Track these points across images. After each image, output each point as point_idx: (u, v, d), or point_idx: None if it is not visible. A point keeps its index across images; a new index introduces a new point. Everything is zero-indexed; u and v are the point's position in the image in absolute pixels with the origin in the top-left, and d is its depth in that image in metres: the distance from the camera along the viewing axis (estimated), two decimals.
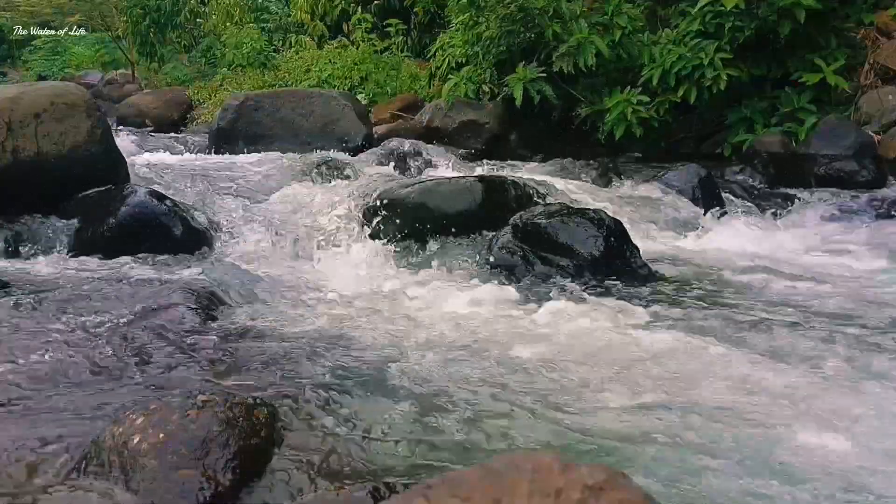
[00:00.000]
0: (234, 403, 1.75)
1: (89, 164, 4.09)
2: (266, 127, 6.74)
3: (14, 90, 4.24)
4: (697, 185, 4.81)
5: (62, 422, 2.04)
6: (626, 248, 3.70)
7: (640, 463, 1.89)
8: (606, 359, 2.58)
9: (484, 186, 4.15)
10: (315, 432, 2.01)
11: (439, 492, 0.83)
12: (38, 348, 2.54)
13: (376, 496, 1.60)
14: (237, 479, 1.63)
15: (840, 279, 3.52)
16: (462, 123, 6.96)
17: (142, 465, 1.60)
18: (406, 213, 4.05)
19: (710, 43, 6.04)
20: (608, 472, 0.84)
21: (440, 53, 7.72)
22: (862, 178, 5.38)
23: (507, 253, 3.65)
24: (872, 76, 6.24)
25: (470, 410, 2.16)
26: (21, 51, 19.14)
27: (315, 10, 10.55)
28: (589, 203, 4.47)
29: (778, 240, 4.30)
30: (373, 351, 2.64)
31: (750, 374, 2.42)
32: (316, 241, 4.12)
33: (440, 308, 3.16)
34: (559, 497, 0.80)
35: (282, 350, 2.59)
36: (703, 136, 6.62)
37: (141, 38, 11.96)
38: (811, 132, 5.75)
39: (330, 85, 8.75)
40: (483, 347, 2.70)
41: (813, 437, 2.00)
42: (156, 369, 2.43)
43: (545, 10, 6.51)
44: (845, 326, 2.84)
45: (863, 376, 2.39)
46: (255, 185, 5.10)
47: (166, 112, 9.97)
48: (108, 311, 2.89)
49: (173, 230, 3.80)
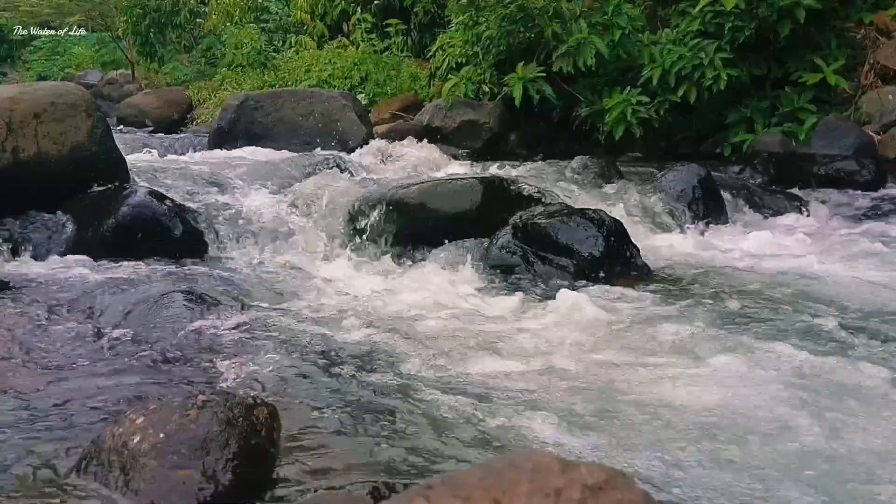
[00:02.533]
0: (234, 403, 1.75)
1: (89, 164, 4.09)
2: (266, 127, 6.74)
3: (14, 90, 4.24)
4: (697, 185, 4.80)
5: (62, 422, 2.04)
6: (627, 248, 3.70)
7: (640, 463, 1.89)
8: (607, 359, 2.59)
9: (484, 186, 4.15)
10: (315, 432, 2.01)
11: (439, 492, 0.83)
12: (37, 348, 2.54)
13: (376, 496, 1.60)
14: (237, 479, 1.63)
15: (840, 279, 3.52)
16: (462, 123, 6.95)
17: (142, 465, 1.60)
18: (405, 213, 4.05)
19: (710, 43, 6.04)
20: (608, 471, 0.84)
21: (440, 53, 7.72)
22: (862, 177, 5.37)
23: (507, 253, 3.65)
24: (872, 76, 6.25)
25: (470, 410, 2.16)
26: (21, 51, 19.13)
27: (315, 10, 10.53)
28: (588, 203, 4.46)
29: (778, 240, 4.30)
30: (372, 350, 2.64)
31: (750, 374, 2.42)
32: (316, 240, 4.12)
33: (440, 308, 3.16)
34: (559, 497, 0.80)
35: (282, 350, 2.59)
36: (703, 136, 6.61)
37: (141, 38, 11.94)
38: (811, 132, 5.75)
39: (330, 85, 8.74)
40: (483, 347, 2.70)
41: (812, 439, 2.01)
42: (156, 369, 2.43)
43: (545, 9, 6.51)
44: (846, 326, 2.84)
45: (862, 372, 2.39)
46: (255, 185, 5.11)
47: (166, 112, 9.97)
48: (107, 311, 2.89)
49: (173, 230, 3.79)
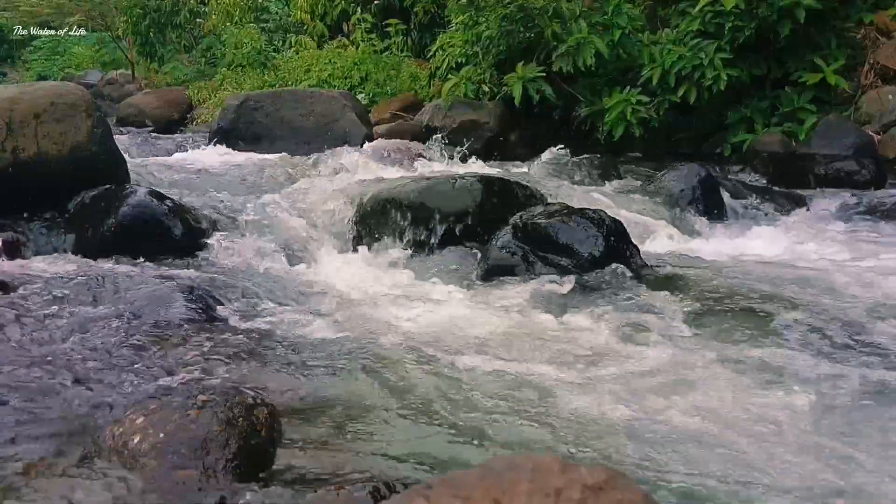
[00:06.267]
0: (234, 403, 1.75)
1: (89, 164, 4.08)
2: (266, 127, 6.74)
3: (14, 90, 4.23)
4: (697, 185, 4.80)
5: (62, 421, 2.04)
6: (627, 248, 3.70)
7: (640, 462, 1.89)
8: (608, 359, 2.58)
9: (484, 186, 4.15)
10: (315, 432, 2.01)
11: (439, 492, 0.83)
12: (37, 348, 2.54)
13: (376, 496, 1.60)
14: (237, 479, 1.63)
15: (840, 279, 3.52)
16: (462, 123, 6.95)
17: (142, 465, 1.60)
18: (405, 213, 4.05)
19: (710, 43, 6.04)
20: (608, 472, 0.84)
21: (440, 53, 7.72)
22: (862, 177, 5.38)
23: (507, 253, 3.65)
24: (872, 76, 6.25)
25: (470, 410, 2.16)
26: (21, 51, 19.12)
27: (315, 10, 10.54)
28: (588, 203, 4.46)
29: (778, 240, 4.30)
30: (372, 350, 2.64)
31: (750, 374, 2.42)
32: (315, 240, 4.12)
33: (439, 308, 3.16)
34: (559, 497, 0.80)
35: (282, 350, 2.59)
36: (703, 136, 6.61)
37: (141, 38, 11.95)
38: (811, 132, 5.75)
39: (330, 85, 8.74)
40: (483, 347, 2.70)
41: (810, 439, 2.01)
42: (156, 369, 2.43)
43: (545, 9, 6.51)
44: (845, 326, 2.84)
45: (863, 371, 2.39)
46: (255, 185, 5.11)
47: (166, 112, 9.97)
48: (107, 311, 2.89)
49: (173, 230, 3.79)
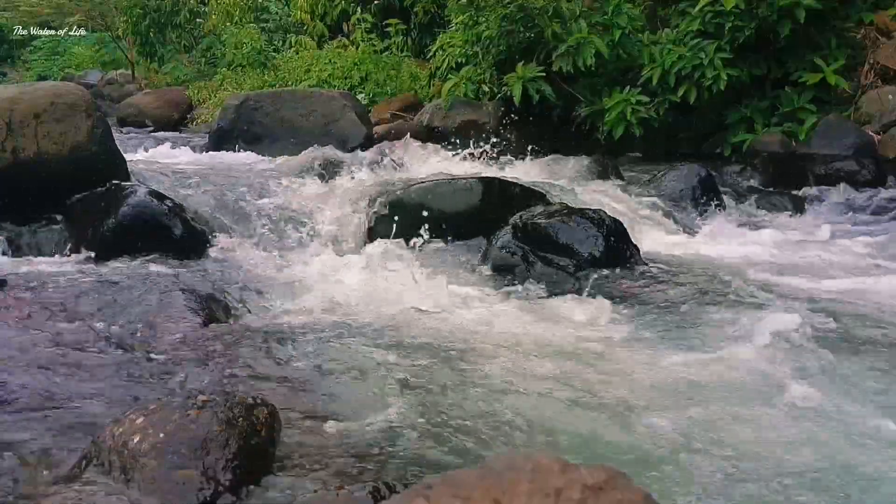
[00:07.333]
0: (234, 403, 1.75)
1: (89, 164, 4.08)
2: (266, 127, 6.74)
3: (14, 90, 4.23)
4: (697, 185, 4.80)
5: (62, 422, 2.04)
6: (627, 247, 3.70)
7: (640, 462, 1.89)
8: (608, 359, 2.58)
9: (484, 186, 4.15)
10: (315, 432, 2.01)
11: (439, 492, 0.83)
12: (37, 348, 2.54)
13: (376, 496, 1.60)
14: (237, 479, 1.63)
15: (840, 279, 3.52)
16: (462, 123, 6.95)
17: (142, 465, 1.60)
18: (405, 214, 4.05)
19: (710, 43, 6.04)
20: (608, 472, 0.84)
21: (440, 53, 7.72)
22: (862, 177, 5.38)
23: (507, 253, 3.65)
24: (872, 76, 6.25)
25: (470, 410, 2.16)
26: (21, 51, 19.12)
27: (315, 10, 10.53)
28: (588, 203, 4.46)
29: (778, 239, 4.30)
30: (372, 351, 2.64)
31: (750, 374, 2.42)
32: (315, 241, 4.12)
33: (440, 309, 3.16)
34: (559, 497, 0.80)
35: (282, 350, 2.59)
36: (703, 136, 6.61)
37: (141, 38, 11.95)
38: (811, 132, 5.75)
39: (330, 85, 8.74)
40: (483, 347, 2.70)
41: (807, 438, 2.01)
42: (156, 369, 2.43)
43: (545, 9, 6.50)
44: (846, 325, 2.84)
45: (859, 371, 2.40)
46: (255, 185, 5.10)
47: (166, 112, 9.98)
48: (107, 311, 2.89)
49: (173, 230, 3.79)
